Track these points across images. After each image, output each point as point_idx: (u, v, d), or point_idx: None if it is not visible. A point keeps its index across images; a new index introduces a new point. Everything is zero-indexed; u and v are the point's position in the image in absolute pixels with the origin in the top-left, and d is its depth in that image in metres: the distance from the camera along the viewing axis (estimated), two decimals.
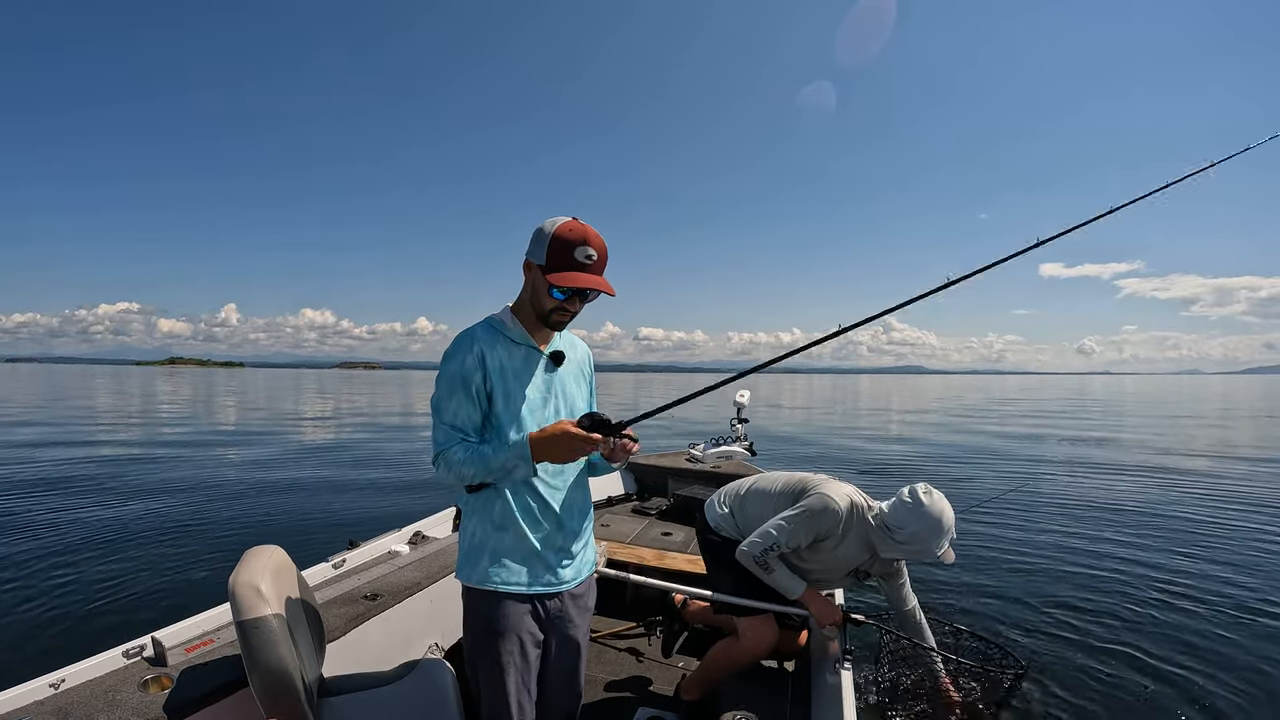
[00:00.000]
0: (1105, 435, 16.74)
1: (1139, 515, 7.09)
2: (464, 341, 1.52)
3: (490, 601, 1.52)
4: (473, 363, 1.49)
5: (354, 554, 2.70)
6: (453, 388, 1.49)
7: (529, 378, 1.55)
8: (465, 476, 1.47)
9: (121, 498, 7.19)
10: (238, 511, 6.67)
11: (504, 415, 1.51)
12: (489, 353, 1.51)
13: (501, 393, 1.51)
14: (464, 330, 1.55)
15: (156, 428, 16.07)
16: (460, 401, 1.49)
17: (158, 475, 8.72)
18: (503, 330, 1.56)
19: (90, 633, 3.66)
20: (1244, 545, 5.86)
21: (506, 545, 1.53)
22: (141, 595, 4.28)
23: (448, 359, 1.52)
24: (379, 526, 3.42)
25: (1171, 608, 4.35)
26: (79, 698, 1.56)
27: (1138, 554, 5.60)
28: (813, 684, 2.21)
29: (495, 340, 1.53)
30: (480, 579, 1.52)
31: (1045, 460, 11.77)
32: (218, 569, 4.72)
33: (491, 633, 1.52)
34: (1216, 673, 3.41)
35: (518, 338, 1.56)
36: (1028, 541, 5.96)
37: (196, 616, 1.98)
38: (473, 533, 1.55)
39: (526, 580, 1.54)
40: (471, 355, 1.49)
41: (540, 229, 1.50)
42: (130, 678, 1.66)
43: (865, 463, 11.68)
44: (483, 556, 1.53)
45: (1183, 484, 9.14)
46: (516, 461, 1.45)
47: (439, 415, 1.51)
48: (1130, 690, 3.23)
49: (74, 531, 5.68)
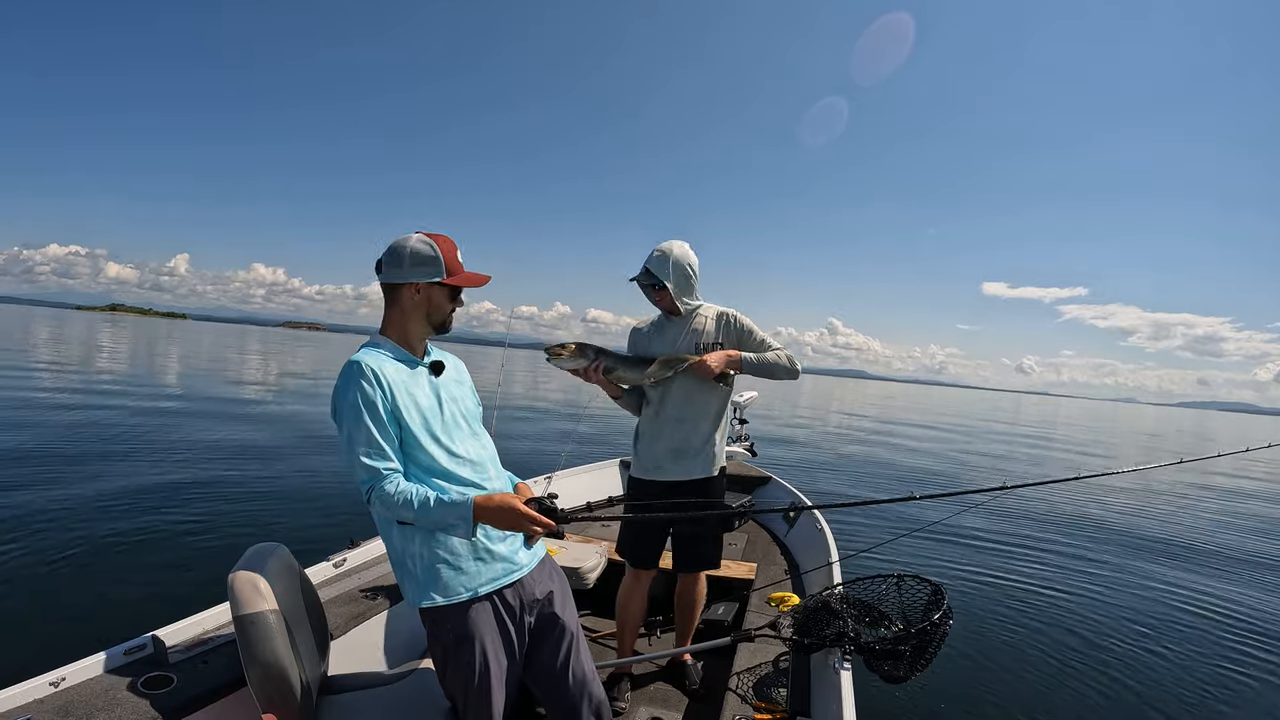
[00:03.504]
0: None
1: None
2: (354, 368, 1.50)
3: (458, 612, 1.51)
4: (370, 384, 1.48)
5: (355, 553, 2.70)
6: (358, 417, 1.46)
7: (420, 389, 1.57)
8: (401, 516, 1.46)
9: (120, 494, 7.18)
10: (238, 510, 6.66)
11: (410, 430, 1.51)
12: (380, 371, 1.50)
13: (403, 406, 1.51)
14: (348, 361, 1.53)
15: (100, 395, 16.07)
16: (370, 428, 1.46)
17: (150, 470, 8.72)
18: (384, 350, 1.58)
19: (90, 631, 3.66)
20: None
21: (458, 550, 1.53)
22: (142, 593, 4.27)
23: (343, 390, 1.49)
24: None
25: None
26: (79, 696, 1.55)
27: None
28: (813, 684, 2.21)
29: (382, 360, 1.54)
30: (445, 594, 1.51)
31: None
32: (218, 568, 4.71)
33: (464, 639, 1.51)
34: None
35: (399, 355, 1.59)
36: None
37: (196, 615, 1.98)
38: (418, 555, 1.52)
39: (488, 577, 1.55)
40: (366, 378, 1.48)
41: (416, 250, 1.56)
42: (130, 676, 1.65)
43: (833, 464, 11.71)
44: (438, 572, 1.51)
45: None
46: (456, 521, 1.43)
47: (353, 450, 1.46)
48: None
49: (70, 528, 5.67)
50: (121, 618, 3.87)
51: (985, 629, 4.31)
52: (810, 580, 3.05)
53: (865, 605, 2.26)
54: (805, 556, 3.39)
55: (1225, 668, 3.93)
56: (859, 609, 2.25)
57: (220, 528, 5.93)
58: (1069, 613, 4.69)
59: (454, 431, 1.60)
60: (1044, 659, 3.91)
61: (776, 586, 2.98)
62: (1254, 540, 7.85)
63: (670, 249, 2.37)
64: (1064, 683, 3.61)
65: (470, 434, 1.65)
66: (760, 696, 2.08)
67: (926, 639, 2.01)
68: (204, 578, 4.57)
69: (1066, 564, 5.89)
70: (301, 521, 6.31)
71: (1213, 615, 4.85)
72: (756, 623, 2.46)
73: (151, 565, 4.80)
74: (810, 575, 3.09)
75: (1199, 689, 3.64)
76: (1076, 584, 5.35)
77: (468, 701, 1.53)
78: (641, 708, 2.43)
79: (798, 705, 2.04)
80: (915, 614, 2.17)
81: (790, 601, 2.76)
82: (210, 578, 4.55)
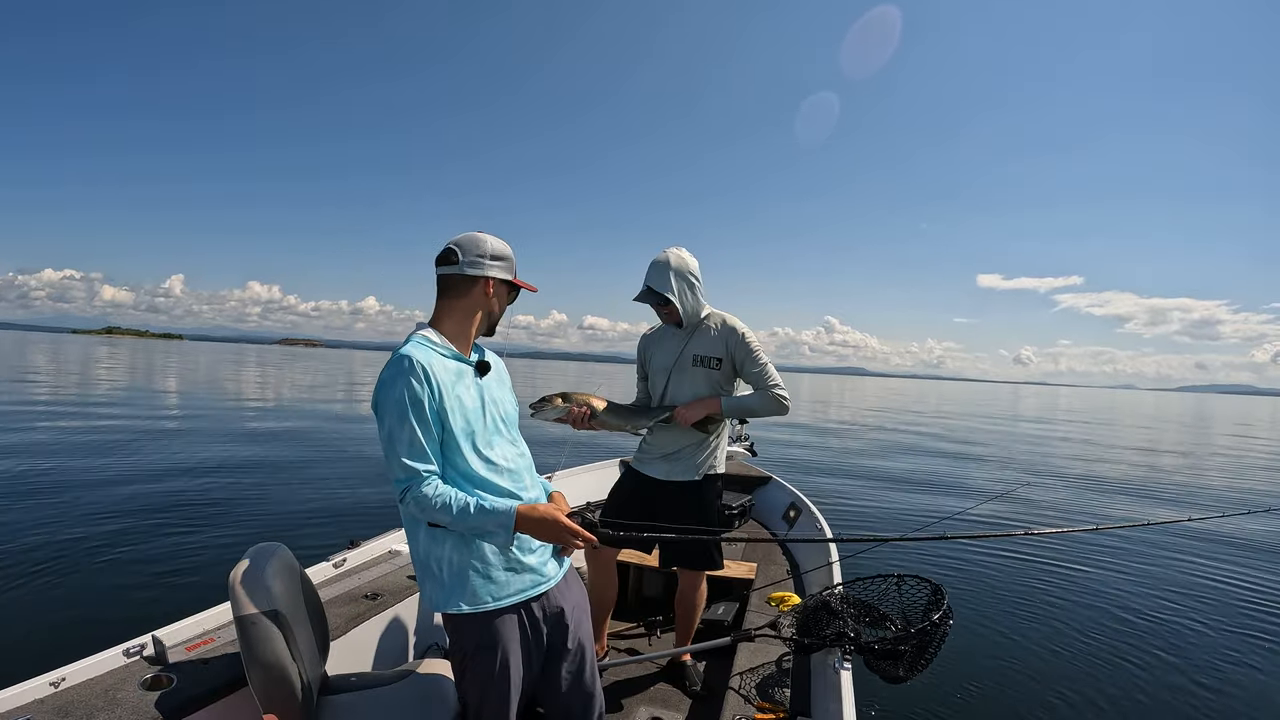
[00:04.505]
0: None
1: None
2: (404, 363, 1.44)
3: (483, 621, 1.48)
4: (419, 382, 1.43)
5: (354, 553, 2.70)
6: (403, 415, 1.41)
7: (466, 390, 1.53)
8: (436, 520, 1.42)
9: (119, 493, 7.18)
10: (239, 510, 6.66)
11: (451, 433, 1.47)
12: (430, 369, 1.46)
13: (449, 408, 1.47)
14: (398, 353, 1.47)
15: (119, 407, 16.10)
16: (414, 428, 1.42)
17: (147, 466, 8.72)
18: (434, 346, 1.52)
19: (90, 631, 3.66)
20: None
21: (490, 559, 1.49)
22: (142, 593, 4.28)
23: (390, 385, 1.43)
24: (379, 525, 3.42)
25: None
26: (79, 696, 1.55)
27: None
28: (813, 684, 2.21)
29: (432, 356, 1.49)
30: (472, 602, 1.47)
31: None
32: (218, 567, 4.71)
33: (487, 649, 1.49)
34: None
35: (448, 353, 1.54)
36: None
37: (197, 615, 1.98)
38: (447, 559, 1.48)
39: (516, 588, 1.51)
40: (416, 375, 1.43)
41: (496, 246, 1.56)
42: (130, 676, 1.65)
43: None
44: (467, 579, 1.47)
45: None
46: (496, 529, 1.41)
47: (394, 448, 1.42)
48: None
49: (72, 528, 5.67)
50: (122, 618, 3.87)
51: (985, 629, 4.31)
52: (810, 580, 3.05)
53: (865, 605, 2.26)
54: (805, 556, 3.39)
55: (1225, 669, 3.92)
56: (859, 609, 2.25)
57: (221, 528, 5.93)
58: (1069, 613, 4.68)
59: (494, 437, 1.56)
60: (1044, 659, 3.91)
61: (776, 586, 2.98)
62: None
63: (667, 259, 2.33)
64: (1064, 683, 3.61)
65: (509, 440, 1.61)
66: (761, 696, 2.08)
67: (927, 639, 2.01)
68: (204, 578, 4.58)
69: (1067, 563, 5.88)
70: (302, 522, 6.31)
71: (1217, 616, 4.84)
72: (757, 623, 2.46)
73: (152, 565, 4.81)
74: (810, 575, 3.09)
75: (1199, 688, 3.64)
76: (1077, 584, 5.35)
77: (482, 710, 1.51)
78: (641, 708, 2.43)
79: (798, 705, 2.04)
80: (915, 614, 2.17)
81: (790, 601, 2.76)
82: (211, 578, 4.55)
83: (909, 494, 9.24)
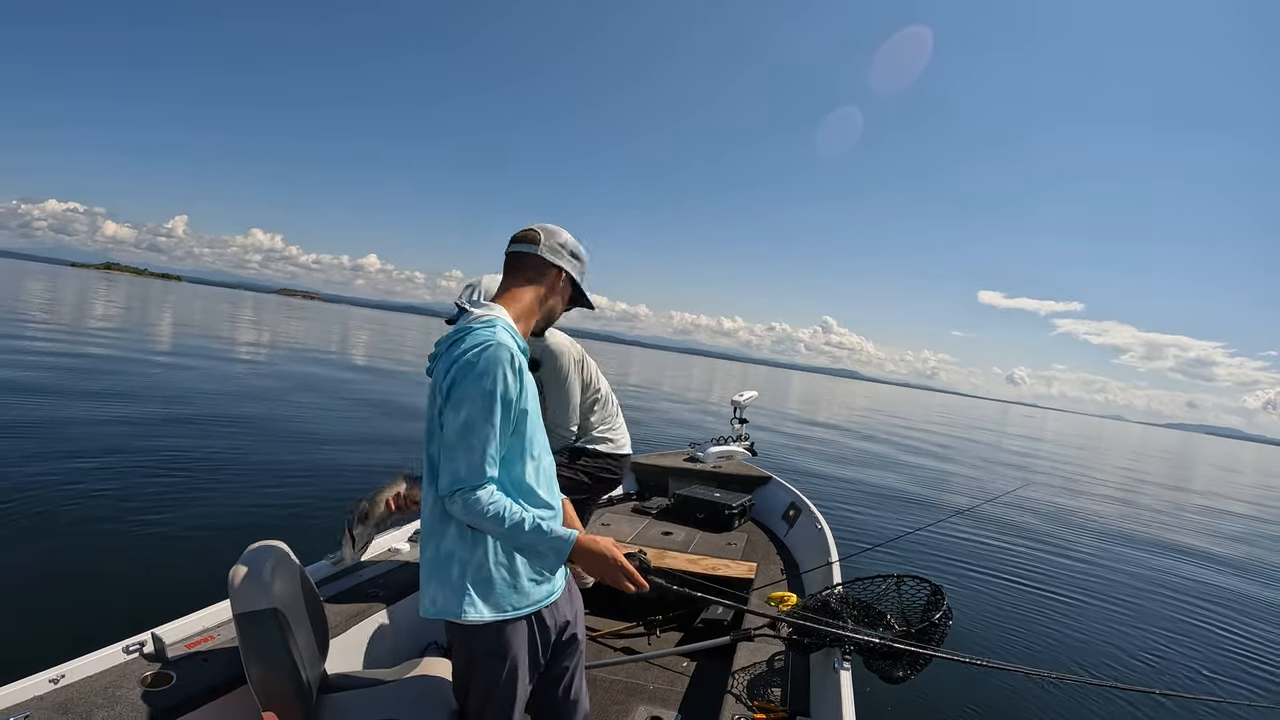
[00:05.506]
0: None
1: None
2: (502, 354, 1.30)
3: (496, 629, 1.41)
4: (516, 378, 1.32)
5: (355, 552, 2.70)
6: (489, 411, 1.28)
7: (532, 389, 1.44)
8: (481, 526, 1.32)
9: (120, 491, 7.18)
10: (239, 507, 6.66)
11: (522, 434, 1.38)
12: (524, 365, 1.36)
13: (530, 409, 1.38)
14: (494, 340, 1.31)
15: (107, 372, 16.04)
16: (495, 430, 1.30)
17: (151, 453, 8.72)
18: (515, 335, 1.41)
19: (90, 628, 3.66)
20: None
21: (518, 568, 1.41)
22: (142, 591, 4.28)
23: (483, 374, 1.28)
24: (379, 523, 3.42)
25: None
26: (79, 693, 1.55)
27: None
28: (812, 683, 2.21)
29: (517, 350, 1.37)
30: (495, 612, 1.38)
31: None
32: (218, 565, 4.70)
33: (497, 657, 1.43)
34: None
35: (524, 347, 1.43)
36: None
37: (197, 613, 1.98)
38: (470, 563, 1.37)
39: (535, 598, 1.45)
40: (514, 369, 1.31)
41: (574, 244, 1.52)
42: (130, 673, 1.65)
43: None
44: (490, 587, 1.38)
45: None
46: (548, 552, 1.33)
47: (468, 442, 1.28)
48: None
49: (70, 525, 5.67)
50: (122, 615, 3.86)
51: (985, 629, 4.31)
52: (810, 580, 3.05)
53: (865, 605, 2.26)
54: (805, 556, 3.39)
55: (1227, 667, 3.92)
56: (858, 609, 2.25)
57: (220, 525, 5.92)
58: (1069, 612, 4.69)
59: (544, 440, 1.48)
60: (1044, 659, 3.91)
61: (776, 586, 2.98)
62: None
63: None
64: (1064, 682, 3.60)
65: (546, 445, 1.52)
66: (760, 696, 2.08)
67: (926, 639, 2.01)
68: (204, 575, 4.56)
69: (1066, 564, 5.89)
70: (302, 519, 6.31)
71: (1216, 616, 4.84)
72: (756, 623, 2.46)
73: (152, 562, 4.80)
74: (810, 575, 3.09)
75: (1199, 686, 3.64)
76: (1076, 584, 5.36)
77: (484, 716, 1.48)
78: (641, 707, 2.43)
79: (797, 705, 2.04)
80: (915, 614, 2.17)
81: (790, 601, 2.76)
82: (211, 575, 4.53)
83: (902, 499, 9.23)
